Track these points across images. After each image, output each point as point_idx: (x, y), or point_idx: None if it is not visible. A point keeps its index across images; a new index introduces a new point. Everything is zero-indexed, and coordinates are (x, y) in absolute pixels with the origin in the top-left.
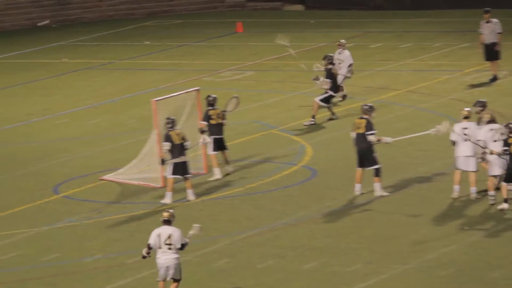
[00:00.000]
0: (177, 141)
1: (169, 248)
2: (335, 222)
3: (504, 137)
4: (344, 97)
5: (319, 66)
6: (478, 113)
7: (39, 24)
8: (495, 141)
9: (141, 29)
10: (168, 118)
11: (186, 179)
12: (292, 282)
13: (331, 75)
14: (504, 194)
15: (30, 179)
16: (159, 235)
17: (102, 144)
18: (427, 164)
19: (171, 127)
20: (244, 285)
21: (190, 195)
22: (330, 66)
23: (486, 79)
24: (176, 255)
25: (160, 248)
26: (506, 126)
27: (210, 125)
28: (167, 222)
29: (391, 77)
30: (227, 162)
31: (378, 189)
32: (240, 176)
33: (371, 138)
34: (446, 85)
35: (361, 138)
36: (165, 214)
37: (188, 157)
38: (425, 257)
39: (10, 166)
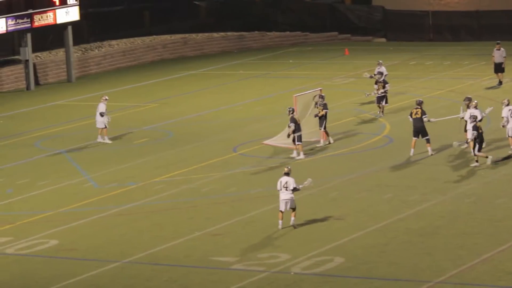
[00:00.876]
0: (298, 121)
1: (286, 189)
2: (401, 170)
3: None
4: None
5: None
6: (466, 104)
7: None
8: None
9: (287, 53)
10: (289, 108)
11: (298, 144)
12: (377, 206)
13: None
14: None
15: (219, 143)
16: (280, 182)
17: (263, 122)
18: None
19: (293, 113)
20: (347, 208)
21: (302, 155)
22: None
23: (495, 84)
24: (291, 195)
25: (280, 190)
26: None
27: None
28: (287, 174)
29: (438, 82)
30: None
31: (430, 151)
32: (345, 143)
33: (425, 119)
34: (472, 87)
35: (418, 120)
36: (286, 169)
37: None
38: (456, 190)
39: (206, 136)
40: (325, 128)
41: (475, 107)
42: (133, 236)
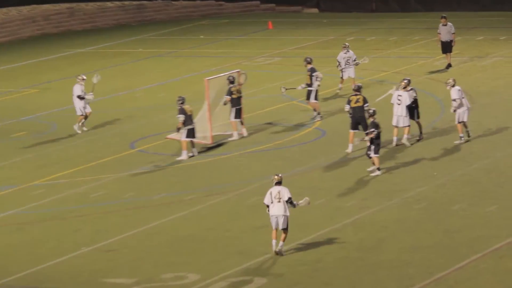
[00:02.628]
0: (188, 112)
1: (279, 201)
2: (336, 169)
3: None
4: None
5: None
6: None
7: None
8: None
9: (198, 27)
10: (179, 97)
11: (192, 141)
12: (306, 214)
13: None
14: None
15: (114, 137)
16: (270, 193)
17: (167, 112)
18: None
19: (182, 103)
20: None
21: (195, 152)
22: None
23: (453, 63)
24: (284, 210)
25: (271, 202)
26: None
27: (232, 99)
28: (279, 183)
29: (382, 62)
30: (243, 125)
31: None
32: (268, 135)
33: (366, 108)
34: (422, 67)
35: (359, 110)
36: (276, 177)
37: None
38: (404, 195)
39: (97, 129)
40: (240, 117)
41: (406, 88)
42: (4, 254)
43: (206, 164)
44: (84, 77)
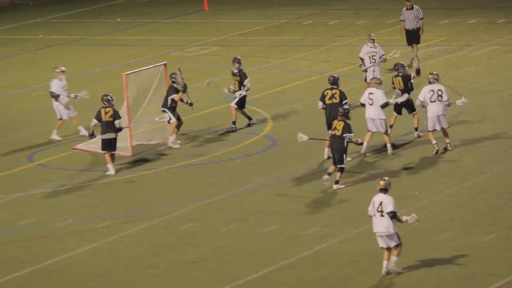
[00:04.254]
0: (105, 118)
1: (381, 215)
2: (293, 188)
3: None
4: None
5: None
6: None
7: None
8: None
9: (113, 7)
10: (109, 96)
11: (112, 155)
12: (253, 244)
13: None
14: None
15: (6, 148)
16: (373, 203)
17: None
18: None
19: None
20: (208, 247)
21: (112, 169)
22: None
23: (435, 53)
24: (389, 225)
25: (374, 215)
26: None
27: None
28: (384, 190)
29: (347, 52)
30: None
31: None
32: (204, 145)
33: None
34: (398, 58)
35: (335, 107)
36: (382, 183)
37: (115, 134)
38: None
39: None
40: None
41: (378, 84)
42: None
43: (124, 182)
44: (63, 69)
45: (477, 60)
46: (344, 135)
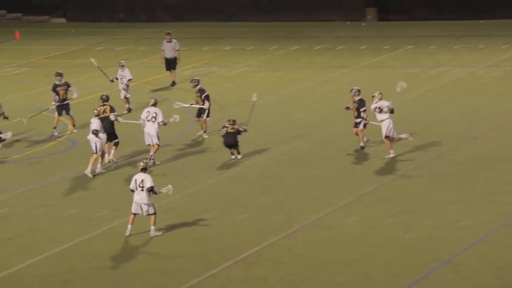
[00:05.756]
0: None
1: (142, 189)
2: (90, 180)
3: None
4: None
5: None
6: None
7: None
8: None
9: None
10: None
11: None
12: (57, 225)
13: None
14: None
15: None
16: (135, 180)
17: None
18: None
19: None
20: (21, 228)
21: None
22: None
23: (200, 72)
24: (147, 197)
25: (135, 190)
26: None
27: None
28: (143, 169)
29: (132, 72)
30: None
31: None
32: (15, 147)
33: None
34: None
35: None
36: (142, 164)
37: None
38: (156, 204)
39: None
40: None
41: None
42: None
43: None
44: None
45: (232, 78)
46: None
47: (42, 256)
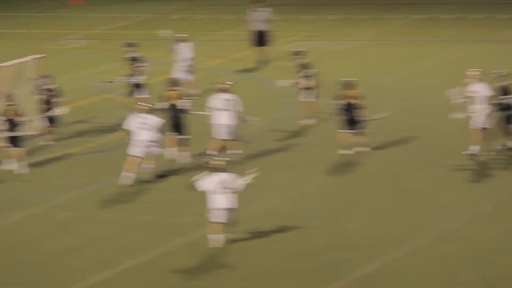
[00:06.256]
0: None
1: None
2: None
3: None
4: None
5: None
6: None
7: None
8: None
9: None
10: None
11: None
12: (129, 233)
13: None
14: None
15: None
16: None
17: None
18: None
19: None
20: (85, 237)
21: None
22: None
23: (306, 46)
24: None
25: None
26: None
27: None
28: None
29: (214, 46)
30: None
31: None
32: (76, 138)
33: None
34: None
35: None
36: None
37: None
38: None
39: None
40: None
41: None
42: None
43: None
44: None
45: (340, 55)
46: None
47: (114, 270)
